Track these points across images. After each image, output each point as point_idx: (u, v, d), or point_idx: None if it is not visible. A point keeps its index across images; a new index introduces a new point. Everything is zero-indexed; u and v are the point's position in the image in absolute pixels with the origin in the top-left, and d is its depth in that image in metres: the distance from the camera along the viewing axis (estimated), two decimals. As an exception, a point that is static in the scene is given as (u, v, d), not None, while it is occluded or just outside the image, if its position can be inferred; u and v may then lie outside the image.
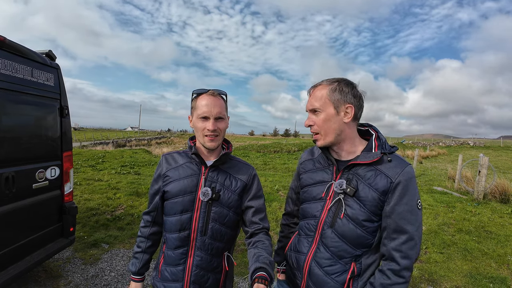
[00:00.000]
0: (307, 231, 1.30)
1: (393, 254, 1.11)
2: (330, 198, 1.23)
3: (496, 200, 6.87)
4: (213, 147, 1.32)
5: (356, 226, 1.16)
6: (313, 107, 1.21)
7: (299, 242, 1.34)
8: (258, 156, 19.42)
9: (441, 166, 16.49)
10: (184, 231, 1.32)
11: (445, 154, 27.24)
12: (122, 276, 3.21)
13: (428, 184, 9.54)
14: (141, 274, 1.46)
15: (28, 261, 2.54)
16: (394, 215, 1.11)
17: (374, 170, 1.16)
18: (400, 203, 1.11)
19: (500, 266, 3.70)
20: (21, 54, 2.47)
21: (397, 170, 1.13)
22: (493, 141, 50.29)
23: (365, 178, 1.16)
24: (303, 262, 1.28)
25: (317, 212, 1.26)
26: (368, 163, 1.17)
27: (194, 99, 1.35)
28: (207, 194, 1.30)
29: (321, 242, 1.23)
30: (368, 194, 1.14)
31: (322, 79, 1.26)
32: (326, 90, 1.19)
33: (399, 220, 1.11)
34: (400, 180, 1.11)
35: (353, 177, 1.19)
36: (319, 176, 1.30)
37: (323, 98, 1.19)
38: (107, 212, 5.21)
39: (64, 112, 3.00)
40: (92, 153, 14.48)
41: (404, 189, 1.11)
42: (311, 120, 1.23)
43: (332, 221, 1.20)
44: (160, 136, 60.25)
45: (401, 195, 1.11)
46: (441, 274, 3.50)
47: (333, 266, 1.20)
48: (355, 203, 1.16)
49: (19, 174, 2.48)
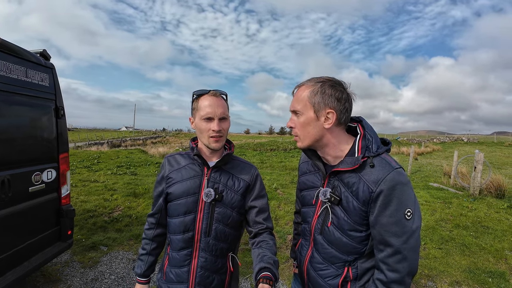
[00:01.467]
0: (304, 235, 1.31)
1: (380, 265, 1.06)
2: (319, 205, 1.20)
3: (492, 196, 6.96)
4: (218, 147, 1.31)
5: (342, 235, 1.12)
6: (294, 108, 1.13)
7: (301, 245, 1.35)
8: (255, 155, 19.41)
9: (436, 162, 16.66)
10: (188, 233, 1.31)
11: (440, 150, 27.51)
12: (123, 279, 3.17)
13: (424, 180, 9.63)
14: (147, 276, 1.45)
15: (26, 266, 2.49)
16: (378, 226, 1.04)
17: (357, 177, 1.07)
18: (382, 215, 1.02)
19: (498, 260, 3.74)
20: (15, 54, 2.41)
21: (379, 177, 1.01)
22: (486, 137, 50.95)
23: (348, 186, 1.09)
24: (302, 264, 1.31)
25: (309, 218, 1.25)
26: (352, 170, 1.08)
27: (195, 100, 1.34)
28: (210, 195, 1.30)
29: (314, 247, 1.23)
30: (350, 204, 1.08)
31: (317, 76, 1.16)
32: (307, 91, 1.10)
33: (383, 232, 1.03)
34: (382, 189, 1.00)
35: (338, 184, 1.13)
36: (311, 181, 1.27)
37: (304, 100, 1.10)
38: (105, 214, 5.15)
39: (60, 113, 2.94)
40: (87, 154, 14.31)
41: (387, 199, 1.00)
42: (292, 122, 1.16)
43: (321, 228, 1.18)
44: (155, 136, 59.87)
45: (384, 206, 1.01)
46: (440, 270, 3.53)
47: (326, 270, 1.19)
48: (341, 212, 1.12)
49: (14, 177, 2.42)
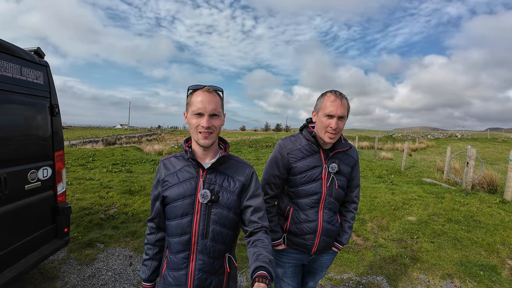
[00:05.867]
0: (312, 204, 1.72)
1: (354, 199, 1.89)
2: (325, 177, 1.70)
3: (484, 191, 7.07)
4: (207, 144, 1.29)
5: (342, 190, 1.79)
6: (343, 114, 1.61)
7: (306, 214, 1.73)
8: (251, 151, 19.42)
9: (430, 158, 16.84)
10: (185, 235, 1.30)
11: (434, 146, 27.80)
12: (119, 275, 3.19)
13: (418, 176, 9.75)
14: (152, 281, 1.46)
15: (23, 264, 2.50)
16: (355, 178, 1.85)
17: (345, 154, 1.78)
18: (357, 169, 1.85)
19: (490, 254, 3.82)
20: (9, 52, 2.39)
21: (355, 152, 1.84)
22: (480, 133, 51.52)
23: (342, 160, 1.75)
24: (316, 226, 1.73)
25: (319, 189, 1.70)
26: (344, 150, 1.76)
27: (189, 95, 1.33)
28: (206, 196, 1.29)
29: (325, 207, 1.73)
30: (346, 170, 1.76)
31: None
32: (347, 101, 1.66)
33: (356, 179, 1.86)
34: (357, 157, 1.86)
35: (336, 160, 1.73)
36: (313, 162, 1.71)
37: (347, 108, 1.65)
38: (101, 211, 5.14)
39: (55, 111, 2.93)
40: (82, 152, 14.20)
41: (358, 161, 1.86)
42: (337, 124, 1.61)
43: (331, 192, 1.72)
44: (150, 133, 59.49)
45: (357, 165, 1.86)
46: (432, 263, 3.60)
47: (334, 219, 1.80)
48: (341, 177, 1.75)
49: (10, 175, 2.42)
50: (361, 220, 4.97)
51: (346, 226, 1.88)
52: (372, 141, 27.22)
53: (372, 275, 3.35)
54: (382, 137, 36.69)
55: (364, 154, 19.35)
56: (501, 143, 30.20)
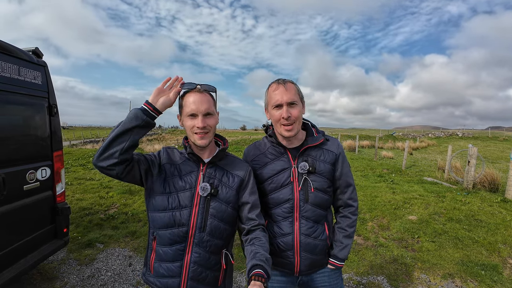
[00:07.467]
0: (285, 214, 1.48)
1: (348, 202, 1.57)
2: (296, 180, 1.47)
3: (485, 190, 7.05)
4: (204, 144, 1.31)
5: (323, 193, 1.50)
6: (292, 100, 1.42)
7: (279, 226, 1.49)
8: (251, 151, 19.41)
9: (431, 157, 16.81)
10: (182, 227, 1.30)
11: (435, 145, 27.75)
12: (119, 276, 3.18)
13: (419, 175, 9.72)
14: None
15: (22, 264, 2.49)
16: (343, 176, 1.54)
17: (320, 149, 1.52)
18: (344, 166, 1.54)
19: (491, 253, 3.80)
20: (7, 52, 2.38)
21: (335, 145, 1.55)
22: (481, 132, 51.41)
23: (316, 157, 1.50)
24: (291, 240, 1.47)
25: (290, 195, 1.47)
26: (316, 145, 1.50)
27: (181, 97, 1.33)
28: (206, 189, 1.31)
29: (301, 217, 1.47)
30: (323, 168, 1.49)
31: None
32: (295, 86, 1.47)
33: (346, 178, 1.55)
34: (340, 151, 1.54)
35: (307, 158, 1.49)
36: (279, 166, 1.50)
37: (296, 93, 1.45)
38: (101, 212, 5.14)
39: (53, 111, 2.92)
40: (82, 152, 14.22)
41: (343, 157, 1.56)
42: (288, 112, 1.43)
43: (306, 197, 1.46)
44: (151, 133, 59.51)
45: (343, 161, 1.55)
46: (433, 262, 3.58)
47: (316, 231, 1.49)
48: (317, 177, 1.48)
49: (9, 176, 2.41)
50: (361, 220, 4.96)
51: (341, 236, 1.55)
52: (373, 140, 27.19)
53: (373, 275, 3.33)
54: (383, 136, 36.66)
55: (364, 153, 19.32)
56: (502, 141, 30.13)
